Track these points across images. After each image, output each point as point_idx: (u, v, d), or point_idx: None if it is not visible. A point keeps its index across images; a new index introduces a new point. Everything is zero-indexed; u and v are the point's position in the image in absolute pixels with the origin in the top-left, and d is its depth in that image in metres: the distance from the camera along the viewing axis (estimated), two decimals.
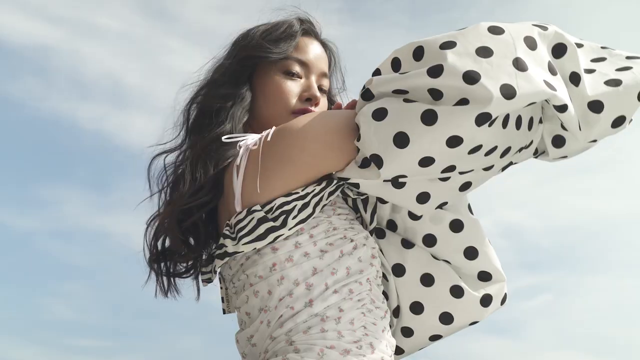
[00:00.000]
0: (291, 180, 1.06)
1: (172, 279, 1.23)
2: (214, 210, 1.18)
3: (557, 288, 4.66)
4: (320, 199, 1.08)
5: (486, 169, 1.05)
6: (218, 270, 1.17)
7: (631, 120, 1.03)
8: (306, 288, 1.05)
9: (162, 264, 1.22)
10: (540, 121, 1.08)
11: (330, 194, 1.10)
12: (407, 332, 1.24)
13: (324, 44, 1.34)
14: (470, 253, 1.21)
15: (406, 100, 1.00)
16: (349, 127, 1.06)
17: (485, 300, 1.21)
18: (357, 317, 1.05)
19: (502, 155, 1.03)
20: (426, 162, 0.98)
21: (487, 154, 1.01)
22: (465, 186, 1.08)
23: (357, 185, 1.08)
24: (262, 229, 1.04)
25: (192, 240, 1.21)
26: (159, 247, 1.21)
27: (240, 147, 1.12)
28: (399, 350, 1.25)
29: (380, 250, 1.23)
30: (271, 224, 1.04)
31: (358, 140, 1.03)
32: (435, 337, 1.24)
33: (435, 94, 0.97)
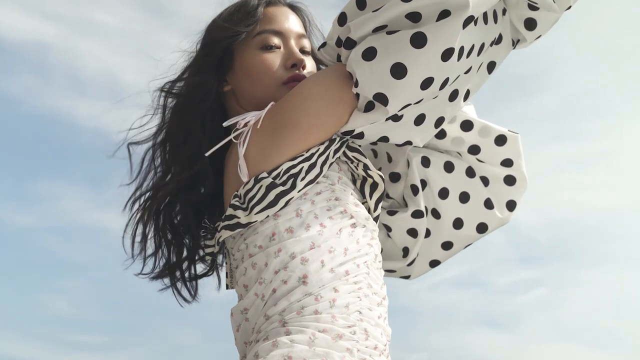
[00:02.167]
0: (299, 144, 1.08)
1: (194, 282, 1.28)
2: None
3: (553, 281, 4.69)
4: (327, 158, 1.09)
5: (467, 72, 1.08)
6: (221, 241, 1.19)
7: None
8: (301, 262, 1.03)
9: (178, 272, 1.27)
10: (504, 13, 1.11)
11: (336, 151, 1.11)
12: (448, 245, 1.35)
13: (292, 7, 1.33)
14: (506, 163, 1.34)
15: (389, 33, 1.02)
16: (343, 77, 1.07)
17: (511, 205, 1.36)
18: (352, 302, 1.03)
19: (479, 53, 1.07)
20: (427, 83, 1.01)
21: (468, 55, 1.04)
22: (453, 95, 1.11)
23: (361, 135, 1.09)
24: (272, 196, 1.05)
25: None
26: (173, 258, 1.26)
27: (240, 124, 1.14)
28: (434, 263, 1.38)
29: (424, 183, 1.30)
30: (280, 188, 1.05)
31: (356, 86, 1.04)
32: (468, 245, 1.38)
33: (414, 17, 0.99)
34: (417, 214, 1.30)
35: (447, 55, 0.99)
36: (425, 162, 1.31)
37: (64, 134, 4.21)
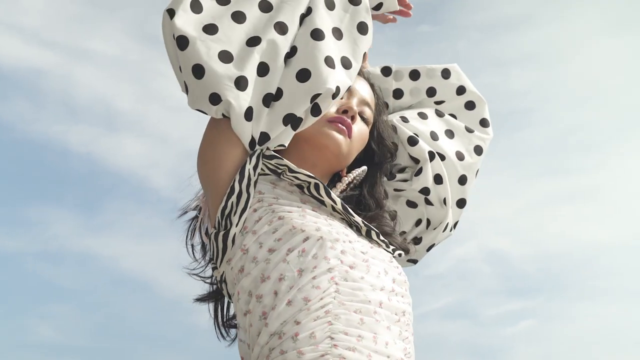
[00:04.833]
0: (219, 189, 1.08)
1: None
2: None
3: (541, 314, 4.70)
4: (249, 179, 1.06)
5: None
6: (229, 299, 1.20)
7: None
8: (257, 300, 0.97)
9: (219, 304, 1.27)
10: None
11: (255, 167, 1.07)
12: (463, 179, 1.40)
13: (371, 84, 1.34)
14: (460, 90, 1.46)
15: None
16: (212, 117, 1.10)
17: (485, 122, 1.48)
18: (319, 329, 0.93)
19: None
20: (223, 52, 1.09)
21: None
22: (315, 34, 1.12)
23: (265, 137, 1.08)
24: (220, 243, 1.06)
25: None
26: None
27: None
28: (461, 202, 1.42)
29: (416, 135, 1.37)
30: (222, 232, 1.05)
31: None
32: (477, 171, 1.45)
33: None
34: (431, 156, 1.35)
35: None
36: (404, 119, 1.39)
37: (55, 160, 4.23)
